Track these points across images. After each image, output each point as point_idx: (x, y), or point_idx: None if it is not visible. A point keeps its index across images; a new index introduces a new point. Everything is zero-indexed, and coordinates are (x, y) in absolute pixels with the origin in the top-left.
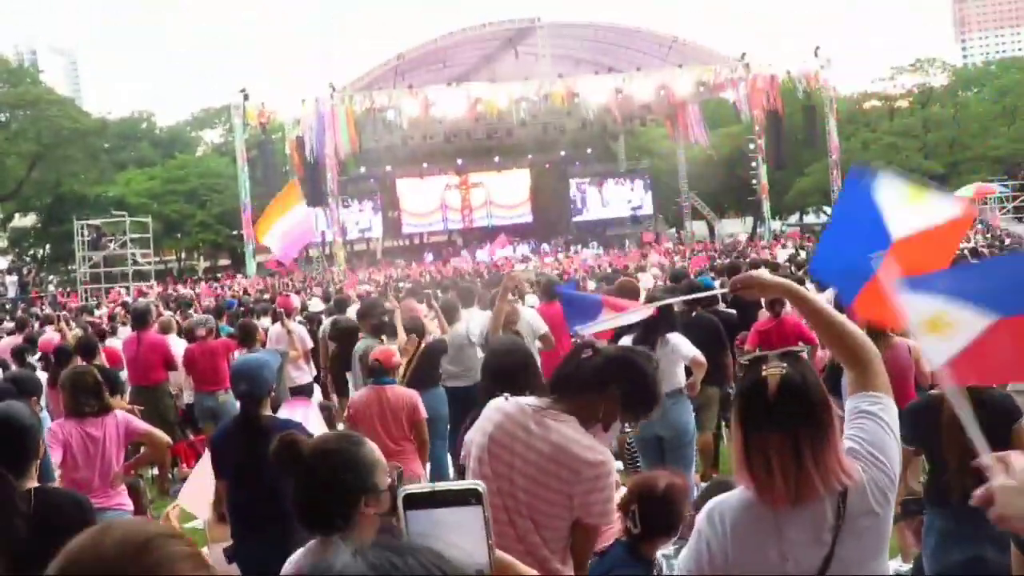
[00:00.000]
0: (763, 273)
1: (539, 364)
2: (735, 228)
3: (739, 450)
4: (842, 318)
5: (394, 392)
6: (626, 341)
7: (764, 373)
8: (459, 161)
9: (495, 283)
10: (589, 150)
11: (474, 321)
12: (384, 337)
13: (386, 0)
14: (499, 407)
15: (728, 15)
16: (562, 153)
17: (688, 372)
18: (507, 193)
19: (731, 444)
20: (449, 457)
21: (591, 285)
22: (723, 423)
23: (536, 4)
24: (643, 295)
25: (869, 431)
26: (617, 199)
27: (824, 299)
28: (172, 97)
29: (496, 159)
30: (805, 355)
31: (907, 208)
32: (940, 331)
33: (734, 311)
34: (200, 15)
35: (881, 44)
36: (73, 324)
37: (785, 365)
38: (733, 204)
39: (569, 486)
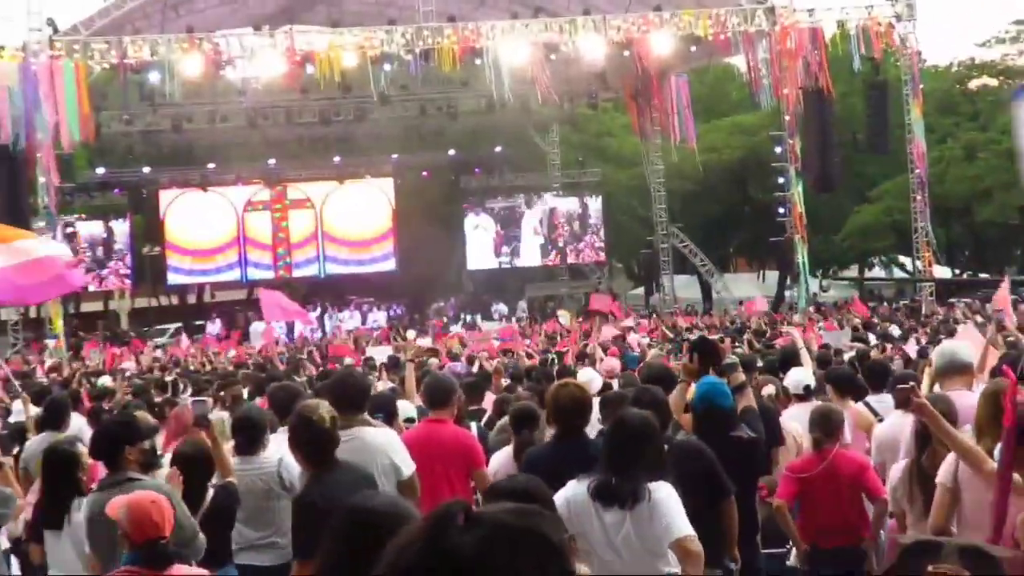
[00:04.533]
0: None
1: None
2: (746, 289)
3: None
4: None
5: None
6: (578, 488)
7: None
8: (271, 162)
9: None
10: (498, 149)
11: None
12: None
13: None
14: None
15: None
16: (451, 153)
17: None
18: (355, 219)
19: None
20: None
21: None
22: None
23: None
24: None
25: None
26: (543, 235)
27: None
28: None
29: (336, 160)
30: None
31: None
32: None
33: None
34: None
35: None
36: None
37: (966, 574)
38: (744, 249)
39: None
